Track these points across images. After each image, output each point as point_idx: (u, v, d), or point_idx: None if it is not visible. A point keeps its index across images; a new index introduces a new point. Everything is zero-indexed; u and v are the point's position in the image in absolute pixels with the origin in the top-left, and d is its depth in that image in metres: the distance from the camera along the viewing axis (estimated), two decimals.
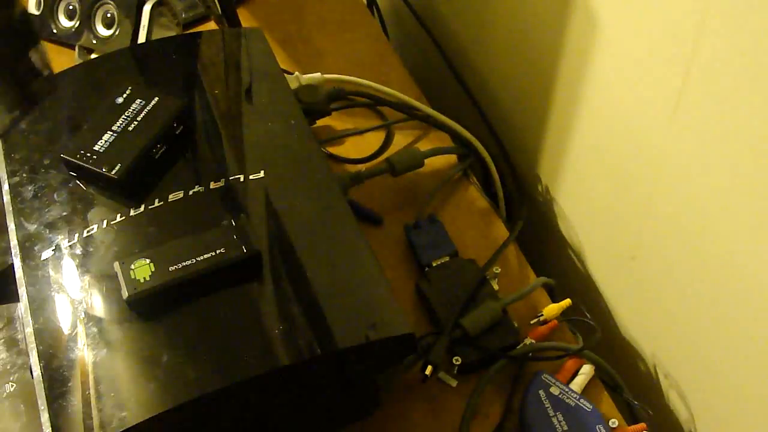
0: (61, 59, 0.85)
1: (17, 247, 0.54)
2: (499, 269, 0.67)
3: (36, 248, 0.54)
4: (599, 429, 0.56)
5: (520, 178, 0.79)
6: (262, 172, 0.57)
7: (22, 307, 0.51)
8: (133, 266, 0.50)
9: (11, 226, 0.56)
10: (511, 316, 0.63)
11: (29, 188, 0.57)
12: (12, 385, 0.54)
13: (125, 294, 0.49)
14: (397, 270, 0.68)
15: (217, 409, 0.48)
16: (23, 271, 0.53)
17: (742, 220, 0.49)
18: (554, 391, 0.58)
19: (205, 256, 0.51)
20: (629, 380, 0.62)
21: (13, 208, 0.57)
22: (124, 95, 0.60)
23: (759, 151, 0.46)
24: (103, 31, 0.82)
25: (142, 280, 0.50)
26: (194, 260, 0.51)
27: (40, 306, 0.51)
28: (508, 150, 0.78)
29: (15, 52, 0.81)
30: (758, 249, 0.48)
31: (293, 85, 0.74)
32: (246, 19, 0.89)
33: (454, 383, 0.61)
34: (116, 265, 0.51)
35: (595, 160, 0.66)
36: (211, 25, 0.88)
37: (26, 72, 0.80)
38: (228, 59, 0.68)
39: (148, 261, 0.50)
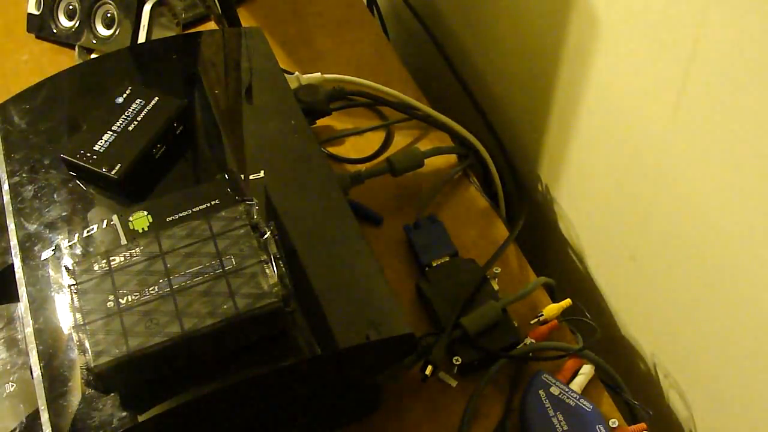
0: (61, 59, 0.85)
1: (17, 247, 0.54)
2: (499, 269, 0.67)
3: (36, 248, 0.54)
4: (599, 429, 0.56)
5: (520, 178, 0.79)
6: (262, 172, 0.57)
7: (22, 307, 0.51)
8: (131, 218, 0.52)
9: (11, 226, 0.56)
10: (511, 316, 0.63)
11: (29, 188, 0.57)
12: (12, 385, 0.54)
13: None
14: (397, 270, 0.68)
15: (216, 409, 0.48)
16: (23, 271, 0.53)
17: (742, 220, 0.49)
18: (554, 391, 0.58)
19: (201, 207, 0.52)
20: (629, 380, 0.62)
21: (13, 208, 0.57)
22: (124, 95, 0.60)
23: (759, 151, 0.46)
24: (103, 31, 0.82)
25: (140, 231, 0.51)
26: (190, 211, 0.52)
27: (40, 306, 0.51)
28: (508, 150, 0.78)
29: None
30: (758, 249, 0.48)
31: (293, 85, 0.74)
32: (246, 19, 0.89)
33: (454, 383, 0.62)
34: (115, 218, 0.52)
35: (595, 160, 0.66)
36: (211, 25, 0.88)
37: None
38: (228, 59, 0.68)
39: (145, 213, 0.52)
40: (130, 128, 0.58)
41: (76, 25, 0.84)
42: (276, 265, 0.49)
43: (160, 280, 0.48)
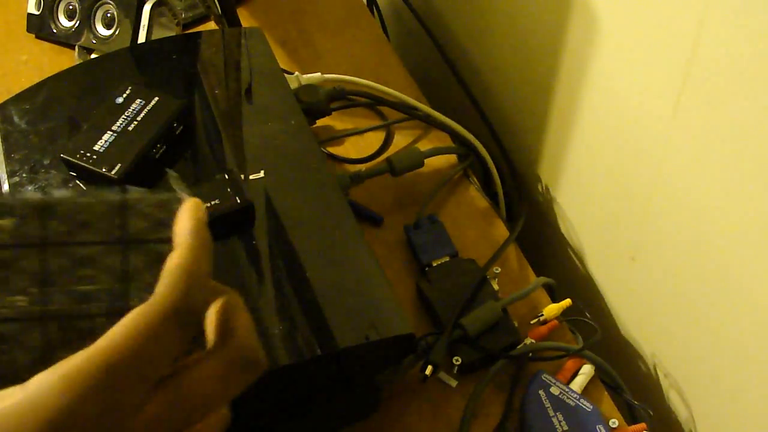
0: (61, 59, 0.85)
1: None
2: (499, 269, 0.67)
3: None
4: (599, 429, 0.56)
5: (520, 178, 0.79)
6: (262, 172, 0.57)
7: None
8: None
9: None
10: (511, 316, 0.63)
11: (29, 188, 0.57)
12: None
13: None
14: (397, 270, 0.68)
15: None
16: None
17: (742, 220, 0.49)
18: (554, 391, 0.58)
19: None
20: (629, 380, 0.62)
21: None
22: (124, 95, 0.60)
23: (759, 152, 0.46)
24: (103, 31, 0.82)
25: None
26: None
27: None
28: (508, 150, 0.78)
29: None
30: (758, 249, 0.48)
31: (293, 85, 0.74)
32: (246, 19, 0.89)
33: (454, 383, 0.61)
34: None
35: (595, 160, 0.66)
36: (211, 25, 0.88)
37: None
38: (228, 59, 0.68)
39: None
40: (130, 128, 0.58)
41: (76, 25, 0.84)
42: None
43: (32, 289, 0.31)
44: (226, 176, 0.55)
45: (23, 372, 0.29)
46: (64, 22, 0.85)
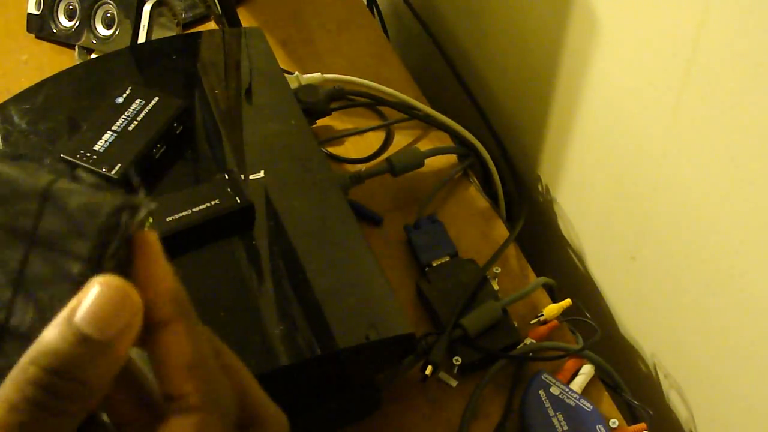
0: (61, 59, 0.85)
1: None
2: (499, 269, 0.67)
3: None
4: (599, 429, 0.56)
5: (520, 178, 0.79)
6: (262, 172, 0.58)
7: None
8: None
9: None
10: (511, 316, 0.63)
11: None
12: None
13: None
14: (397, 270, 0.68)
15: None
16: None
17: (742, 220, 0.49)
18: (554, 391, 0.58)
19: (201, 206, 0.53)
20: (629, 380, 0.62)
21: None
22: (124, 95, 0.60)
23: (759, 152, 0.46)
24: (103, 31, 0.82)
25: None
26: (190, 211, 0.52)
27: None
28: (508, 150, 0.78)
29: None
30: (758, 249, 0.48)
31: (293, 85, 0.74)
32: (246, 19, 0.89)
33: (454, 383, 0.61)
34: None
35: (596, 160, 0.66)
36: (211, 25, 0.88)
37: None
38: (228, 59, 0.68)
39: None
40: (130, 128, 0.58)
41: (76, 25, 0.84)
42: None
43: None
44: (226, 176, 0.55)
45: None
46: (64, 22, 0.85)
